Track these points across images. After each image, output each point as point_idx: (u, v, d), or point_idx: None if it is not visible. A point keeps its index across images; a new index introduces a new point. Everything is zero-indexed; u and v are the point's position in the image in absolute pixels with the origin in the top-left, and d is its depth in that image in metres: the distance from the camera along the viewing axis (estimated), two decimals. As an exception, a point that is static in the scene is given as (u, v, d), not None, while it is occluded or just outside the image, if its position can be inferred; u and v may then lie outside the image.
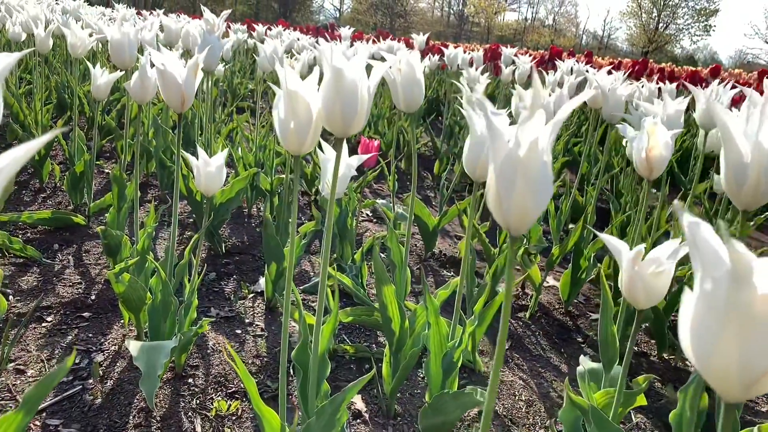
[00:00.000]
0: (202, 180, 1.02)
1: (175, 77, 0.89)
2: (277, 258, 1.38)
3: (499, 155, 0.43)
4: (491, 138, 0.44)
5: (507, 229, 0.45)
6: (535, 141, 0.42)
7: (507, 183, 0.43)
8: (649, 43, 29.60)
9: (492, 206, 0.45)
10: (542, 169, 0.43)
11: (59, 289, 1.41)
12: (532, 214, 0.44)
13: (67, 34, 1.75)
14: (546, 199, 0.44)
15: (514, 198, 0.43)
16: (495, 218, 0.46)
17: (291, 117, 0.69)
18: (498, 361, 0.48)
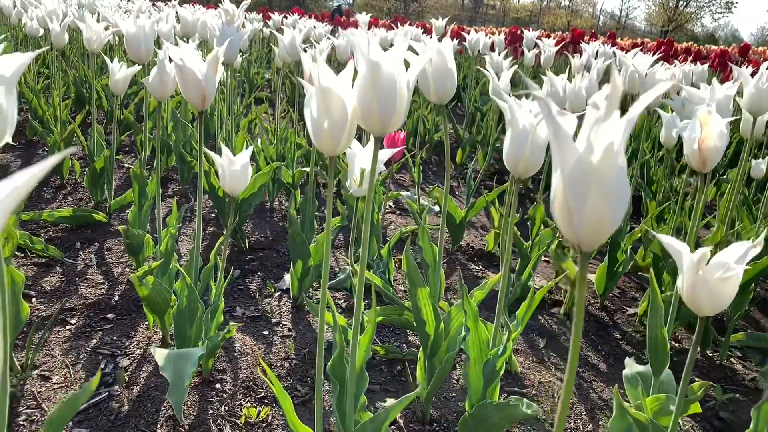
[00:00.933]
0: (227, 179, 0.98)
1: (195, 73, 0.85)
2: (302, 255, 1.34)
3: (568, 162, 0.38)
4: (557, 142, 0.38)
5: (576, 245, 0.40)
6: (611, 145, 0.37)
7: (578, 193, 0.38)
8: (669, 22, 28.96)
9: (559, 219, 0.40)
10: (619, 176, 0.37)
11: (82, 289, 1.38)
12: (608, 228, 0.39)
13: (83, 28, 1.71)
14: (623, 210, 0.38)
15: (586, 210, 0.38)
16: (562, 231, 0.40)
17: (324, 116, 0.64)
18: (567, 392, 0.43)
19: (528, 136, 0.78)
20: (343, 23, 6.66)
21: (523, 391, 1.17)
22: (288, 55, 1.84)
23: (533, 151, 0.78)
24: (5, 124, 0.58)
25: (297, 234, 1.31)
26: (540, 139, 0.78)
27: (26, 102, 2.99)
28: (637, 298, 1.67)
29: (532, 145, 0.78)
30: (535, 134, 0.78)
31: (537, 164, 0.80)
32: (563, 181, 0.38)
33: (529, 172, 0.80)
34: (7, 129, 0.58)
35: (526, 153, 0.78)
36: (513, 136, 0.79)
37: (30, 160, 2.30)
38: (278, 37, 1.89)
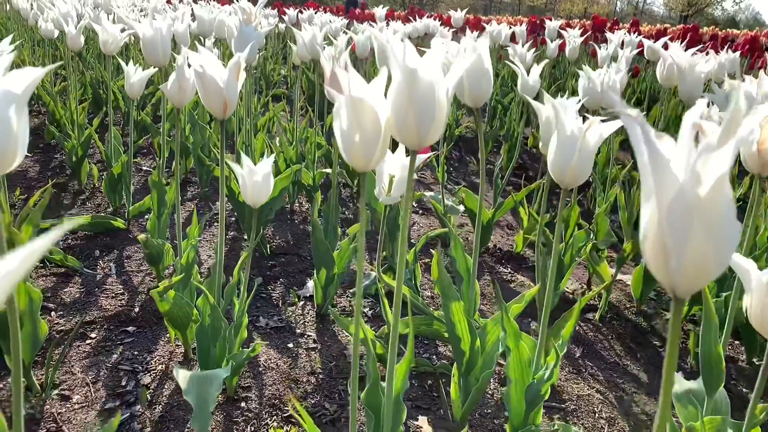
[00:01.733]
0: (248, 190, 0.93)
1: (216, 80, 0.80)
2: (326, 263, 1.29)
3: (667, 193, 0.32)
4: (654, 170, 0.32)
5: (671, 289, 0.34)
6: (723, 177, 0.31)
7: (679, 231, 0.32)
8: (689, 6, 28.37)
9: (652, 259, 0.34)
10: (728, 212, 0.31)
11: (102, 301, 1.35)
12: (713, 272, 0.33)
13: (98, 31, 1.68)
14: (732, 251, 0.32)
15: (689, 251, 0.32)
16: (653, 272, 0.35)
17: (356, 128, 0.58)
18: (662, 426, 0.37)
19: (576, 144, 0.72)
20: (359, 16, 6.59)
21: (562, 405, 1.11)
22: (308, 53, 1.78)
23: (582, 159, 0.72)
24: (16, 146, 0.54)
25: (320, 242, 1.26)
26: (589, 146, 0.72)
27: (43, 105, 2.98)
28: (674, 301, 1.59)
29: (581, 153, 0.72)
30: (584, 141, 0.72)
31: (586, 173, 0.74)
32: (660, 216, 0.32)
33: (578, 181, 0.74)
34: (18, 151, 0.54)
35: (575, 162, 0.72)
36: (560, 144, 0.73)
37: (48, 164, 2.27)
38: (297, 34, 1.84)
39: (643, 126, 0.33)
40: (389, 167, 1.01)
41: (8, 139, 0.53)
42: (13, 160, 0.54)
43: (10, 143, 0.53)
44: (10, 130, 0.53)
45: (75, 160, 1.96)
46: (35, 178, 2.12)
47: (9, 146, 0.52)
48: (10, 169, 0.54)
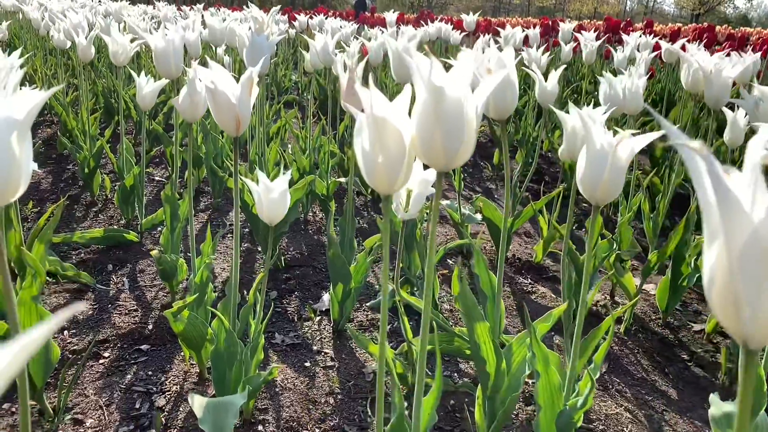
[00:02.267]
0: (264, 208, 0.90)
1: (228, 97, 0.77)
2: (343, 278, 1.26)
3: (739, 236, 0.28)
4: (724, 210, 0.29)
5: (743, 341, 0.30)
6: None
7: (754, 279, 0.28)
8: (700, 5, 28.11)
9: (720, 307, 0.30)
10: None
11: (115, 318, 1.32)
12: (794, 324, 0.29)
13: (109, 42, 1.66)
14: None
15: (764, 301, 0.28)
16: (720, 320, 0.31)
17: (378, 150, 0.55)
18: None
19: (607, 159, 0.68)
20: (369, 20, 6.57)
21: (590, 426, 1.07)
22: (320, 61, 1.76)
23: (613, 175, 0.68)
24: (19, 176, 0.51)
25: (337, 257, 1.23)
26: (621, 162, 0.68)
27: (56, 115, 2.98)
28: (700, 311, 1.55)
29: (612, 168, 0.68)
30: (616, 156, 0.68)
31: (617, 190, 0.70)
32: (731, 262, 0.29)
33: (609, 198, 0.70)
34: (22, 180, 0.51)
35: (606, 178, 0.68)
36: (589, 159, 0.69)
37: (60, 175, 2.27)
38: (309, 42, 1.81)
39: (709, 160, 0.29)
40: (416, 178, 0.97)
41: (10, 169, 0.50)
42: (16, 190, 0.51)
43: (13, 173, 0.50)
44: (12, 159, 0.50)
45: (87, 172, 1.95)
46: (48, 189, 2.11)
47: (12, 176, 0.50)
48: (13, 199, 0.52)
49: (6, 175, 0.49)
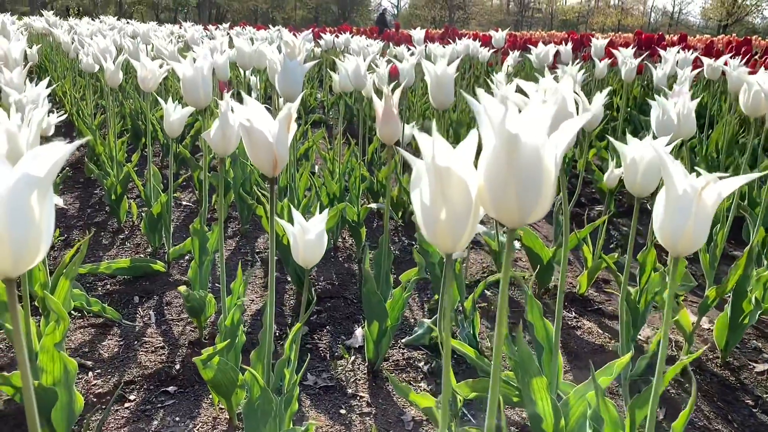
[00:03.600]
0: (300, 251, 0.84)
1: (265, 135, 0.71)
2: (379, 316, 1.19)
3: None
4: None
5: None
6: None
7: None
8: (728, 16, 27.69)
9: None
10: None
11: (141, 356, 1.27)
12: None
13: (137, 67, 1.63)
14: None
15: None
16: None
17: (441, 203, 0.48)
18: None
19: (692, 206, 0.60)
20: (394, 37, 6.54)
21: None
22: (352, 83, 1.70)
23: (699, 224, 0.60)
24: (39, 240, 0.45)
25: (373, 293, 1.16)
26: (707, 209, 0.60)
27: (82, 135, 2.98)
28: (761, 349, 1.44)
29: (697, 217, 0.60)
30: (702, 202, 0.60)
31: (702, 239, 0.62)
32: None
33: (692, 249, 0.62)
34: (42, 245, 0.45)
35: (690, 226, 0.60)
36: (670, 205, 0.61)
37: (87, 201, 2.24)
38: (339, 64, 1.76)
39: None
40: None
41: (28, 234, 0.44)
42: (35, 256, 0.45)
43: (31, 237, 0.44)
44: (31, 222, 0.44)
45: (114, 198, 1.91)
46: (75, 216, 2.08)
47: (29, 242, 0.44)
48: (32, 266, 0.46)
49: (23, 242, 0.43)
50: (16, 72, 1.35)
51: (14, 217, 0.43)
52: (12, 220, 0.43)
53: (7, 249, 0.43)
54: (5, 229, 0.43)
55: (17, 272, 0.44)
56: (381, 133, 1.13)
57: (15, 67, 1.47)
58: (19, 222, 0.44)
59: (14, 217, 0.43)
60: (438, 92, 1.28)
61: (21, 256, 0.44)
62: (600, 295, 1.65)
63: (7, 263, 0.44)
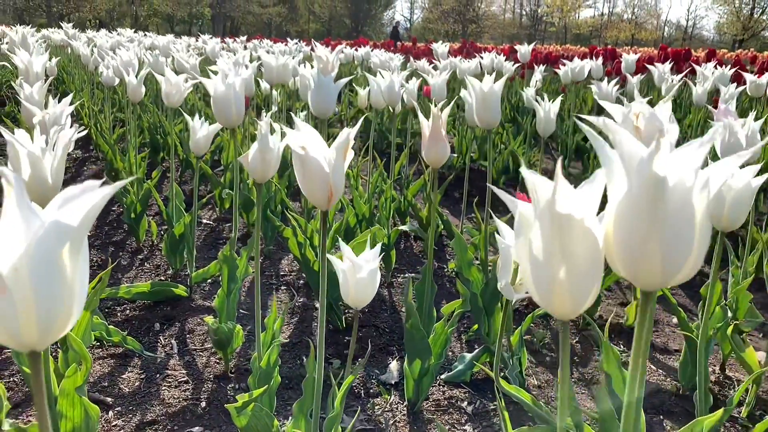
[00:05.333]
0: (351, 290, 0.75)
1: (321, 165, 0.62)
2: (421, 353, 1.10)
3: None
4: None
5: None
6: None
7: None
8: (744, 30, 27.52)
9: None
10: None
11: (164, 391, 1.18)
12: None
13: (161, 81, 1.56)
14: None
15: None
16: None
17: (560, 259, 0.39)
18: None
19: None
20: (411, 50, 6.49)
21: None
22: (385, 100, 1.62)
23: None
24: (72, 302, 0.36)
25: (416, 329, 1.07)
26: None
27: (101, 151, 2.92)
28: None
29: None
30: None
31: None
32: None
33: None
34: (75, 308, 0.36)
35: None
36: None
37: (105, 218, 2.17)
38: (371, 79, 1.68)
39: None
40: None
41: (59, 296, 0.35)
42: (65, 324, 0.36)
43: (62, 301, 0.36)
44: (62, 281, 0.36)
45: (133, 217, 1.84)
46: (92, 234, 2.01)
47: (60, 305, 0.35)
48: (63, 334, 0.37)
49: (52, 306, 0.35)
50: (37, 87, 1.29)
51: (42, 275, 0.35)
52: (39, 280, 0.35)
53: (32, 315, 0.35)
54: (31, 291, 0.34)
55: (44, 344, 0.36)
56: (428, 155, 1.04)
57: (36, 81, 1.40)
58: (48, 282, 0.35)
59: (42, 276, 0.35)
60: (484, 111, 1.20)
61: (49, 324, 0.35)
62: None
63: (33, 333, 0.35)
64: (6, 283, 0.34)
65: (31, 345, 0.35)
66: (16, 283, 0.34)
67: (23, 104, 1.22)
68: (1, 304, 0.33)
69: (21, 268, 0.34)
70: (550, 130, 1.51)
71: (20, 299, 0.34)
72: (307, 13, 35.94)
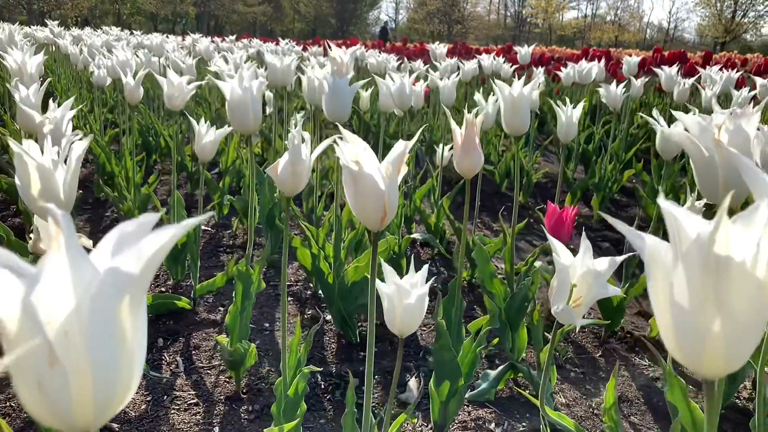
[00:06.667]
0: (398, 318, 0.68)
1: (377, 182, 0.56)
2: (451, 375, 1.03)
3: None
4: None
5: None
6: None
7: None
8: (726, 33, 27.85)
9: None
10: None
11: (173, 414, 1.10)
12: None
13: (163, 83, 1.48)
14: None
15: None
16: None
17: (714, 309, 0.33)
18: None
19: None
20: (403, 50, 6.42)
21: None
22: (396, 103, 1.56)
23: None
24: (132, 368, 0.30)
25: (447, 349, 1.01)
26: None
27: (91, 152, 2.82)
28: None
29: None
30: None
31: None
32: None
33: None
34: (135, 376, 0.29)
35: None
36: None
37: (99, 224, 2.08)
38: (379, 81, 1.61)
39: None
40: (574, 271, 0.75)
41: (118, 360, 0.28)
42: (124, 396, 0.29)
43: (123, 366, 0.29)
44: (122, 343, 0.29)
45: (131, 224, 1.75)
46: (86, 242, 1.92)
47: (119, 372, 0.28)
48: (121, 408, 0.30)
49: (110, 376, 0.28)
50: (33, 89, 1.20)
51: (98, 338, 0.28)
52: (95, 345, 0.28)
53: (88, 391, 0.27)
54: (85, 360, 0.27)
55: (100, 423, 0.29)
56: (460, 164, 0.98)
57: (31, 83, 1.31)
58: (106, 346, 0.28)
59: (98, 340, 0.28)
60: (513, 117, 1.14)
61: (108, 399, 0.28)
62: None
63: (88, 412, 0.28)
64: (56, 353, 0.27)
65: (85, 426, 0.28)
66: (68, 350, 0.27)
67: (20, 108, 1.13)
68: (51, 381, 0.26)
69: (72, 331, 0.27)
70: (572, 135, 1.45)
71: (73, 371, 0.27)
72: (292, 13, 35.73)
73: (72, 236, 0.28)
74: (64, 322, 0.27)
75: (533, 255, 1.40)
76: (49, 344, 0.27)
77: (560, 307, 0.74)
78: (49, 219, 0.28)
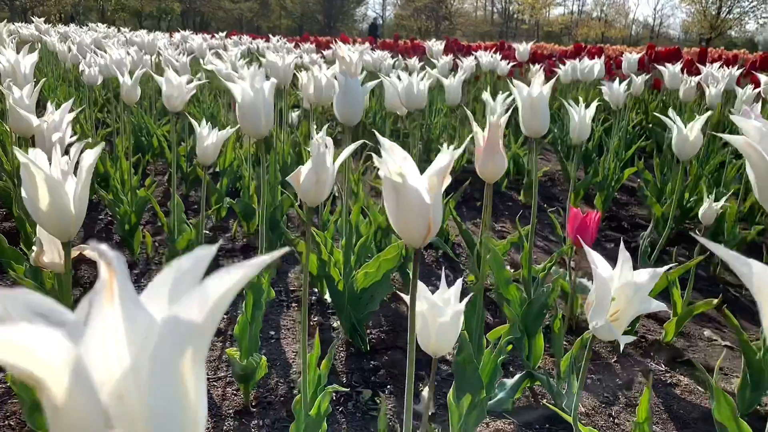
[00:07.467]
0: (432, 337, 0.64)
1: (422, 196, 0.51)
2: (473, 387, 0.99)
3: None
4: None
5: None
6: None
7: None
8: (711, 29, 28.08)
9: None
10: None
11: None
12: None
13: (161, 83, 1.42)
14: None
15: None
16: None
17: None
18: None
19: None
20: (394, 46, 6.37)
21: None
22: (404, 104, 1.51)
23: None
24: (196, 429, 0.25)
25: (469, 362, 0.97)
26: None
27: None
28: None
29: None
30: None
31: None
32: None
33: None
34: None
35: None
36: None
37: (93, 227, 2.02)
38: (386, 82, 1.57)
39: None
40: (615, 286, 0.71)
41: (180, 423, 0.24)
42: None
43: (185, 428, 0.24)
44: (185, 403, 0.24)
45: (128, 229, 1.70)
46: (80, 247, 1.86)
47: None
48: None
49: None
50: (26, 90, 1.14)
51: (157, 400, 0.23)
52: (154, 407, 0.23)
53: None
54: (143, 425, 0.23)
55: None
56: (483, 169, 0.94)
57: (25, 84, 1.25)
58: (166, 409, 0.23)
59: (157, 401, 0.23)
60: (532, 118, 1.10)
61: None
62: (688, 344, 1.47)
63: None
64: (111, 420, 0.22)
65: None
66: (124, 415, 0.22)
67: (13, 110, 1.08)
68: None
69: (128, 394, 0.23)
70: (585, 135, 1.42)
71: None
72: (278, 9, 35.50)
73: (126, 282, 0.23)
74: (120, 381, 0.23)
75: (551, 260, 1.36)
76: (105, 413, 0.22)
77: (600, 323, 0.70)
78: (100, 262, 0.24)
